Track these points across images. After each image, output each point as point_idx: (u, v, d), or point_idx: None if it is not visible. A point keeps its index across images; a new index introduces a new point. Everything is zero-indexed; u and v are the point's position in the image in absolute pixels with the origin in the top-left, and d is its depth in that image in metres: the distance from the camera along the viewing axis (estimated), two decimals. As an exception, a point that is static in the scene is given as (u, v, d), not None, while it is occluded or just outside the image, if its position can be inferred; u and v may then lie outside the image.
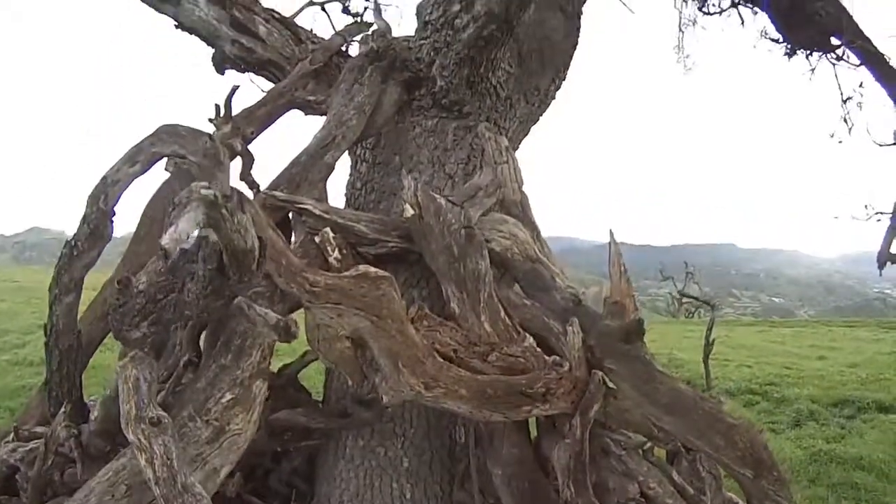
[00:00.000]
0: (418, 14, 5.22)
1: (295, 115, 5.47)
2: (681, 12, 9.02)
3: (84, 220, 4.01)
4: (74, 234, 3.99)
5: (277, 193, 4.20)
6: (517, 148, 5.45)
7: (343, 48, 5.91)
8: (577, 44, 5.70)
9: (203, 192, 2.56)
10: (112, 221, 4.09)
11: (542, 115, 5.59)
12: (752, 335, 19.15)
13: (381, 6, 8.74)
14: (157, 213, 4.39)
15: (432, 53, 4.84)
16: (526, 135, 5.57)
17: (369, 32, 5.58)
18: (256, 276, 3.02)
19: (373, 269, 3.42)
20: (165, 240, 2.85)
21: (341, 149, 4.58)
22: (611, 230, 4.18)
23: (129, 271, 4.04)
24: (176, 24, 5.64)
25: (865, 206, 7.30)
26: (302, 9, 8.20)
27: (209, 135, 4.03)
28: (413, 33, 5.35)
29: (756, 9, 7.22)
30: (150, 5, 5.59)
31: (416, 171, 4.81)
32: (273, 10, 6.03)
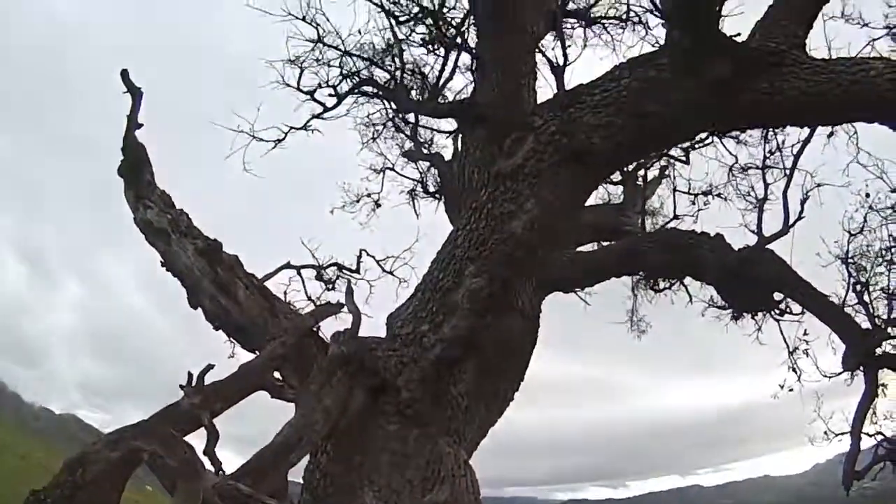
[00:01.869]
0: (388, 325, 5.68)
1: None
2: (635, 291, 10.01)
3: (57, 483, 4.10)
4: (44, 488, 4.06)
5: (242, 487, 4.38)
6: (476, 447, 5.68)
7: (314, 328, 6.31)
8: (535, 344, 6.15)
9: None
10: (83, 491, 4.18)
11: (500, 416, 5.91)
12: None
13: (353, 283, 9.41)
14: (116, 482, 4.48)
15: (399, 366, 5.23)
16: (484, 436, 5.82)
17: (341, 331, 5.99)
18: None
19: None
20: None
21: (305, 450, 4.84)
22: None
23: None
24: (162, 262, 5.99)
25: (825, 433, 7.60)
26: (278, 270, 8.81)
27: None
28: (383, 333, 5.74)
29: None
30: (143, 232, 5.96)
31: (376, 472, 5.00)
32: (254, 276, 6.43)
